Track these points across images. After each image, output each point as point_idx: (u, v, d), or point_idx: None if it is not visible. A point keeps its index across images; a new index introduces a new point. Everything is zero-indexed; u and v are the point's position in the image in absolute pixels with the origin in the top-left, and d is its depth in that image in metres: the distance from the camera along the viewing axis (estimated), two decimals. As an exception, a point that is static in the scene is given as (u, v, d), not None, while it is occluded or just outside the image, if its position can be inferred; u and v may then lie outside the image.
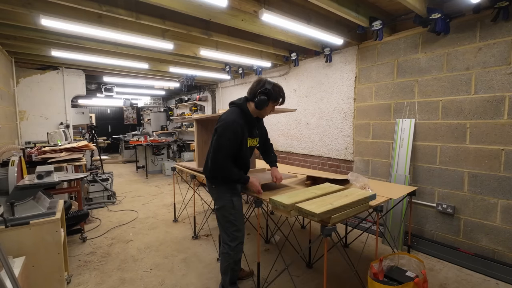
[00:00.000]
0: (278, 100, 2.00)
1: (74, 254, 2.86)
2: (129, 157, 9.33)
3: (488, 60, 2.48)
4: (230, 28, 3.26)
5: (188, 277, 2.46)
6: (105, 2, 2.49)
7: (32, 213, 1.86)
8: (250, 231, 3.42)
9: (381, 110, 3.33)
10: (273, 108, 2.02)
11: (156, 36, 3.23)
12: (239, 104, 2.00)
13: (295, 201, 1.70)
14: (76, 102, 8.75)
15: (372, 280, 1.84)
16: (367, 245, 3.02)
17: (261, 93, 1.91)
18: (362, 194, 1.85)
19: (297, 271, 2.53)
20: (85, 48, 3.91)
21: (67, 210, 2.86)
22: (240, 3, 2.47)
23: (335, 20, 3.12)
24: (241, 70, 5.33)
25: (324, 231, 1.55)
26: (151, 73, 5.76)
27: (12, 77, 4.58)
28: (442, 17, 2.55)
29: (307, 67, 4.33)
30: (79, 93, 5.52)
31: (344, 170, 3.82)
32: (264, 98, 1.90)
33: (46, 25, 2.65)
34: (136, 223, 3.74)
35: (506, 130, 2.40)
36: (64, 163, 3.15)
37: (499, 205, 2.47)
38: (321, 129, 4.14)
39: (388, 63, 3.23)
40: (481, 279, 2.45)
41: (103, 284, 2.36)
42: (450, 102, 2.74)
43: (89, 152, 6.13)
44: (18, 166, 2.09)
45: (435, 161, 2.86)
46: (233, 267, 2.07)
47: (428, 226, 2.96)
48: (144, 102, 11.02)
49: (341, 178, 2.41)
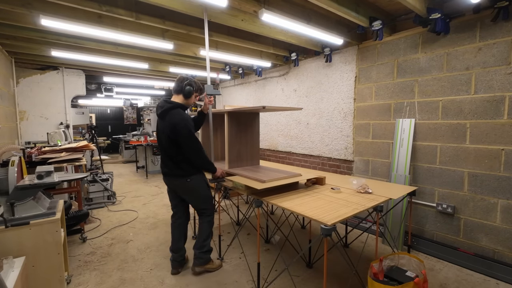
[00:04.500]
0: (199, 91, 2.46)
1: (74, 254, 2.86)
2: (129, 157, 9.33)
3: (488, 60, 2.48)
4: (230, 28, 3.26)
5: (188, 277, 2.46)
6: (105, 2, 2.49)
7: (32, 213, 1.86)
8: (250, 231, 3.42)
9: (381, 110, 3.33)
10: (195, 98, 2.46)
11: (156, 36, 3.23)
12: (176, 104, 2.31)
13: (246, 183, 2.19)
14: (76, 102, 8.76)
15: (372, 280, 1.84)
16: (367, 245, 3.02)
17: (186, 85, 2.34)
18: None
19: (297, 271, 2.53)
20: (85, 48, 3.92)
21: (67, 210, 2.86)
22: (240, 3, 2.47)
23: (335, 20, 3.13)
24: (241, 70, 5.33)
25: (323, 231, 1.56)
26: (151, 73, 5.76)
27: (12, 77, 4.58)
28: (442, 17, 2.55)
29: (307, 67, 4.33)
30: (79, 93, 5.52)
31: (344, 170, 3.82)
32: (190, 88, 2.34)
33: (46, 25, 2.65)
34: (136, 223, 3.74)
35: (506, 130, 2.40)
36: (64, 163, 3.14)
37: (499, 205, 2.47)
38: (321, 129, 4.14)
39: (388, 63, 3.23)
40: (481, 279, 2.45)
41: (103, 284, 2.36)
42: (450, 102, 2.74)
43: (89, 152, 6.14)
44: (18, 166, 2.09)
45: (435, 161, 2.87)
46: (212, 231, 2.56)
47: (428, 226, 2.96)
48: (144, 102, 11.00)
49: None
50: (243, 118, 2.80)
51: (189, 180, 2.35)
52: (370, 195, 2.20)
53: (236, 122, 2.73)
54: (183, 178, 2.35)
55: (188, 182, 2.35)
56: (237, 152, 2.78)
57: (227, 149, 2.69)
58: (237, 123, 2.74)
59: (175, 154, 2.30)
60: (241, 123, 2.78)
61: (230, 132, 2.69)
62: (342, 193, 2.27)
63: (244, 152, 2.85)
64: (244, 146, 2.84)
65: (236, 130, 2.75)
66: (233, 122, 2.70)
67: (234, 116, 2.70)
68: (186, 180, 2.35)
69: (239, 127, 2.77)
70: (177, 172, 2.35)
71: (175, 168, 2.34)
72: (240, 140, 2.80)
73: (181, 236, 2.55)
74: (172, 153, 2.31)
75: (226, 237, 3.25)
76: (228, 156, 2.71)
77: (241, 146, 2.81)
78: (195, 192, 2.43)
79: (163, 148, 2.37)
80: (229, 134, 2.69)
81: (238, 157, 2.80)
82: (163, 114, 2.30)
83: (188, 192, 2.44)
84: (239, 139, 2.79)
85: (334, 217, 1.67)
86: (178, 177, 2.36)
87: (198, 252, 2.47)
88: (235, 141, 2.75)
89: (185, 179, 2.35)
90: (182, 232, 2.55)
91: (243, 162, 2.86)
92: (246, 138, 2.86)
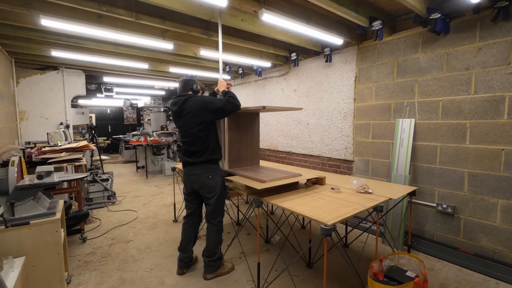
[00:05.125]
0: (202, 90, 2.65)
1: (74, 254, 2.86)
2: (129, 157, 9.33)
3: (488, 60, 2.48)
4: (230, 28, 3.26)
5: (188, 277, 2.46)
6: (105, 2, 2.49)
7: (32, 213, 1.86)
8: (250, 231, 3.42)
9: (381, 110, 3.33)
10: None
11: (156, 36, 3.23)
12: (192, 94, 2.45)
13: (246, 183, 2.20)
14: (76, 102, 8.75)
15: (372, 280, 1.84)
16: (367, 245, 3.02)
17: (193, 83, 2.47)
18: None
19: (297, 271, 2.53)
20: (85, 48, 3.92)
21: (67, 210, 2.86)
22: (240, 3, 2.47)
23: (335, 20, 3.12)
24: (241, 70, 5.33)
25: (323, 231, 1.56)
26: (151, 73, 5.76)
27: (12, 77, 4.58)
28: (442, 17, 2.55)
29: (307, 67, 4.33)
30: (79, 93, 5.52)
31: (344, 170, 3.82)
32: (196, 86, 2.50)
33: (46, 25, 2.65)
34: (136, 223, 3.74)
35: (506, 130, 2.40)
36: (64, 163, 3.14)
37: (499, 205, 2.47)
38: (321, 129, 4.14)
39: (388, 63, 3.23)
40: (481, 279, 2.45)
41: (103, 284, 2.36)
42: (450, 102, 2.74)
43: (89, 152, 6.14)
44: (18, 166, 2.09)
45: (435, 161, 2.87)
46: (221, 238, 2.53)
47: (428, 226, 2.96)
48: (144, 102, 11.02)
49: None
50: (243, 118, 2.80)
51: (210, 176, 2.34)
52: (370, 195, 2.20)
53: (236, 122, 2.73)
54: (207, 170, 2.34)
55: (209, 179, 2.35)
56: (237, 152, 2.78)
57: (227, 149, 2.69)
58: (237, 123, 2.74)
59: (206, 137, 2.32)
60: (241, 123, 2.78)
61: (230, 132, 2.69)
62: (342, 193, 2.27)
63: (244, 152, 2.85)
64: (244, 146, 2.84)
65: (236, 130, 2.75)
66: (233, 122, 2.70)
67: (234, 116, 2.70)
68: (208, 176, 2.34)
69: (239, 127, 2.77)
70: (206, 164, 2.34)
71: (205, 151, 2.34)
72: (240, 140, 2.80)
73: (192, 237, 2.52)
74: (204, 137, 2.31)
75: (226, 237, 3.25)
76: (228, 156, 2.71)
77: (241, 146, 2.81)
78: (214, 191, 2.37)
79: (193, 137, 2.32)
80: (229, 134, 2.69)
81: (238, 157, 2.80)
82: (184, 102, 2.32)
83: (211, 188, 2.37)
84: (239, 139, 2.79)
85: (334, 217, 1.67)
86: (204, 170, 2.34)
87: (208, 260, 2.42)
88: (235, 141, 2.75)
89: (208, 173, 2.34)
90: (193, 232, 2.53)
91: (243, 162, 2.85)
92: (246, 138, 2.86)
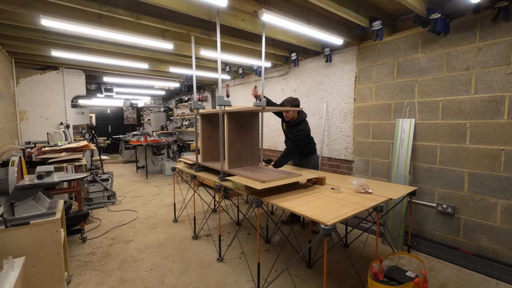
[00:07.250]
0: None
1: (74, 254, 2.86)
2: (129, 157, 9.33)
3: (488, 60, 2.48)
4: (230, 28, 3.26)
5: (188, 277, 2.46)
6: (105, 2, 2.49)
7: (32, 213, 1.86)
8: (250, 231, 3.42)
9: (381, 110, 3.33)
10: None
11: (156, 36, 3.23)
12: None
13: (246, 183, 2.21)
14: (76, 102, 8.75)
15: (372, 280, 1.84)
16: (367, 245, 3.02)
17: None
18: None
19: (297, 271, 2.53)
20: (85, 48, 3.91)
21: (67, 210, 2.86)
22: (240, 3, 2.47)
23: (335, 20, 3.12)
24: (241, 70, 5.33)
25: (323, 231, 1.56)
26: (151, 73, 5.76)
27: (12, 77, 4.58)
28: (442, 17, 2.55)
29: (307, 67, 4.33)
30: (79, 93, 5.52)
31: (344, 170, 3.82)
32: None
33: (46, 25, 2.65)
34: (136, 223, 3.74)
35: (506, 130, 2.40)
36: (64, 163, 3.15)
37: (499, 205, 2.47)
38: (321, 129, 4.14)
39: (388, 63, 3.23)
40: (481, 279, 2.45)
41: (103, 284, 2.36)
42: (450, 102, 2.74)
43: (89, 152, 6.13)
44: (18, 166, 2.09)
45: (435, 161, 2.86)
46: None
47: (428, 226, 2.96)
48: (144, 102, 11.01)
49: None
50: (243, 118, 2.80)
51: None
52: (370, 195, 2.20)
53: (236, 122, 2.73)
54: None
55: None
56: (237, 152, 2.78)
57: (227, 149, 2.69)
58: (237, 123, 2.74)
59: None
60: (241, 123, 2.78)
61: (230, 132, 2.69)
62: (342, 193, 2.27)
63: (244, 152, 2.85)
64: (244, 146, 2.84)
65: (236, 130, 2.75)
66: (233, 122, 2.70)
67: (234, 116, 2.70)
68: None
69: (239, 127, 2.77)
70: None
71: None
72: (240, 140, 2.80)
73: None
74: None
75: (226, 237, 3.25)
76: (228, 156, 2.71)
77: (241, 146, 2.81)
78: None
79: None
80: (229, 134, 2.69)
81: (238, 157, 2.80)
82: None
83: None
84: (239, 139, 2.79)
85: (334, 217, 1.67)
86: None
87: None
88: (235, 141, 2.75)
89: None
90: None
91: (243, 162, 2.86)
92: (246, 138, 2.86)
